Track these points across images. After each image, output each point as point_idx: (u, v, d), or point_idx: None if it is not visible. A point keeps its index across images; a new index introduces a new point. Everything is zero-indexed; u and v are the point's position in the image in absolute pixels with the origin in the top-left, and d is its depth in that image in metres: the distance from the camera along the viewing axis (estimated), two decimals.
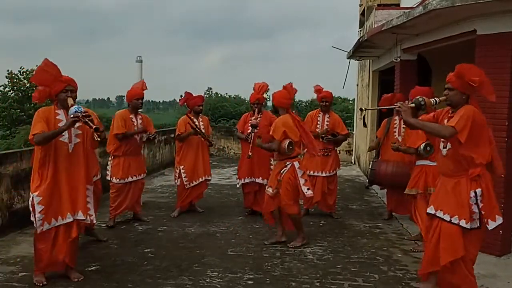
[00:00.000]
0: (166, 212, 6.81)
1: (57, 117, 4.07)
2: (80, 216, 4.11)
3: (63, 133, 4.00)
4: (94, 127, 3.82)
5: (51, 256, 4.09)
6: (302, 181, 5.18)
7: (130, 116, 5.98)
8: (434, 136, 3.78)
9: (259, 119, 6.39)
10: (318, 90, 6.67)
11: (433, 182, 4.94)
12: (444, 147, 3.81)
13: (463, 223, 3.67)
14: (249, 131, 6.17)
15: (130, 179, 5.99)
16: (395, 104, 3.93)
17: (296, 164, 5.22)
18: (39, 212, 3.94)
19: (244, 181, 6.59)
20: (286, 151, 5.10)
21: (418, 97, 3.83)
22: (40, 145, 3.94)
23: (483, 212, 3.68)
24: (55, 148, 4.00)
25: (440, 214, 3.80)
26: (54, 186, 4.01)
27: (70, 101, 4.05)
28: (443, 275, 3.85)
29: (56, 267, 4.18)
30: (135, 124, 5.99)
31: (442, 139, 3.84)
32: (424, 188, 5.18)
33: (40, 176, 4.00)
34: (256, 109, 6.46)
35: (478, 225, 3.70)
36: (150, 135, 6.01)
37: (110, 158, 6.06)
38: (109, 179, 6.02)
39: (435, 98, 3.83)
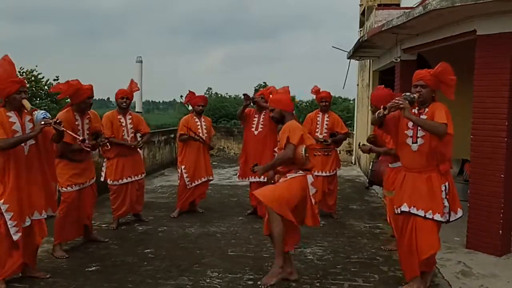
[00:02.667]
0: (166, 212, 6.81)
1: (10, 120, 3.88)
2: (36, 215, 4.06)
3: (17, 135, 3.89)
4: (81, 138, 3.87)
5: (12, 260, 3.96)
6: (312, 200, 4.25)
7: (118, 117, 5.89)
8: (432, 133, 3.78)
9: (260, 119, 6.44)
10: (316, 91, 6.68)
11: None
12: (414, 142, 3.86)
13: (437, 217, 3.78)
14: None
15: (125, 180, 5.92)
16: (395, 100, 3.81)
17: (310, 178, 4.24)
18: (10, 219, 3.83)
19: (247, 180, 6.57)
20: (303, 159, 4.17)
21: (409, 94, 3.81)
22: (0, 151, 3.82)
23: (449, 205, 3.82)
24: (13, 152, 3.86)
25: (414, 210, 3.86)
26: (17, 190, 3.89)
27: (26, 103, 3.89)
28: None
29: (16, 271, 4.07)
30: (124, 124, 5.90)
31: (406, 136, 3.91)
32: None
33: (2, 183, 3.86)
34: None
35: (447, 218, 3.83)
36: (139, 144, 5.94)
37: (104, 160, 6.05)
38: (103, 180, 5.99)
39: (414, 95, 3.84)
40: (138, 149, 6.11)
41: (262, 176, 6.36)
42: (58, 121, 3.85)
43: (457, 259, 4.87)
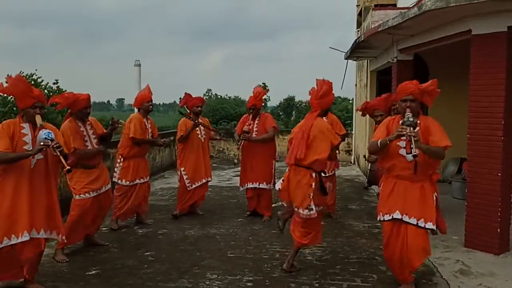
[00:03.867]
0: (166, 215, 6.83)
1: (22, 131, 3.95)
2: (42, 234, 3.99)
3: (26, 146, 3.91)
4: (67, 168, 3.76)
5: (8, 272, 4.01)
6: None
7: (144, 120, 6.14)
8: (434, 158, 3.86)
9: (255, 124, 6.51)
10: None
11: None
12: (408, 153, 3.83)
13: (429, 225, 3.83)
14: (240, 138, 6.44)
15: (137, 181, 6.08)
16: (406, 133, 3.72)
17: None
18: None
19: (246, 186, 6.62)
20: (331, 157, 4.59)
21: (410, 118, 3.77)
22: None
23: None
24: (17, 164, 3.85)
25: (406, 218, 3.89)
26: (14, 203, 3.85)
27: (38, 119, 3.94)
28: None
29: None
30: (147, 127, 6.17)
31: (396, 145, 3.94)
32: None
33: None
34: (252, 114, 6.53)
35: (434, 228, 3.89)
36: (166, 141, 6.34)
37: (119, 160, 6.10)
38: (115, 181, 6.05)
39: (414, 119, 3.84)
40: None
41: (265, 183, 6.46)
42: (56, 145, 3.80)
43: (455, 258, 4.90)
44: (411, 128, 3.69)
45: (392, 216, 3.95)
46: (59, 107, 5.00)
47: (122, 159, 6.06)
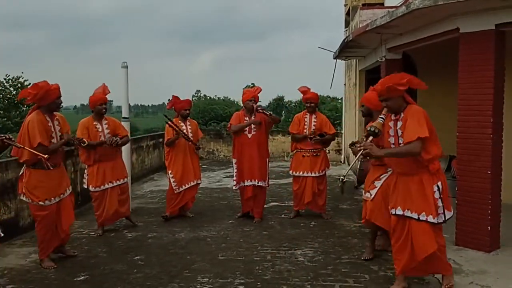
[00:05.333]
0: (156, 218, 6.76)
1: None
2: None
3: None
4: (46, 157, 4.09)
5: None
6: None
7: (94, 123, 5.76)
8: (409, 156, 3.82)
9: (253, 118, 6.44)
10: (304, 91, 6.66)
11: None
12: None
13: (430, 218, 3.80)
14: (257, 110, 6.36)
15: (106, 185, 5.83)
16: (359, 149, 3.85)
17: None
18: None
19: (244, 184, 6.52)
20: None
21: (369, 127, 3.83)
22: None
23: (443, 204, 3.83)
24: None
25: (408, 213, 3.90)
26: None
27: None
28: (420, 265, 3.98)
29: None
30: (100, 130, 5.76)
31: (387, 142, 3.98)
32: None
33: None
34: (254, 105, 6.34)
35: (444, 219, 3.84)
36: (115, 141, 5.72)
37: (86, 167, 5.95)
38: (85, 187, 5.93)
39: (381, 116, 3.91)
40: (120, 154, 6.08)
41: (262, 180, 6.41)
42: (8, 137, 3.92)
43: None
44: (370, 138, 3.79)
45: (395, 212, 3.98)
46: (30, 101, 4.64)
47: (87, 166, 5.89)
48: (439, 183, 3.84)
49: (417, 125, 3.71)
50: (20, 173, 4.77)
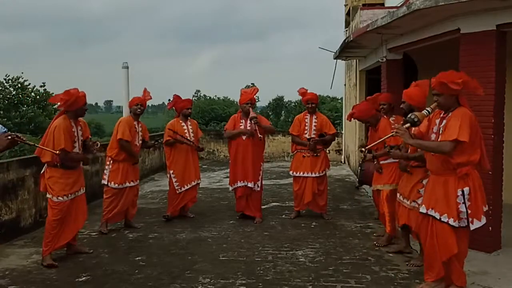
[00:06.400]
0: (157, 218, 6.76)
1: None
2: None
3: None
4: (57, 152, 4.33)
5: None
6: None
7: (134, 123, 6.08)
8: (436, 153, 3.83)
9: (247, 124, 6.41)
10: (302, 93, 6.67)
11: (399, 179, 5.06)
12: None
13: (451, 221, 3.76)
14: (250, 124, 6.33)
15: (127, 184, 5.99)
16: (392, 130, 3.92)
17: None
18: None
19: (237, 185, 6.55)
20: None
21: (410, 114, 3.84)
22: None
23: (469, 211, 3.75)
24: None
25: (431, 212, 3.88)
26: None
27: None
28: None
29: None
30: (137, 131, 6.10)
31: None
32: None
33: None
34: (250, 109, 6.35)
35: (466, 224, 3.79)
36: (156, 143, 6.48)
37: (108, 163, 6.02)
38: (105, 183, 5.98)
39: (428, 109, 3.88)
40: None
41: (252, 182, 6.41)
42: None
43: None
44: (407, 125, 3.80)
45: (420, 210, 4.00)
46: (61, 106, 4.87)
47: (111, 161, 5.98)
48: (466, 189, 3.75)
49: (459, 127, 3.66)
50: (42, 172, 4.94)
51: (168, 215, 6.60)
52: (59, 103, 4.87)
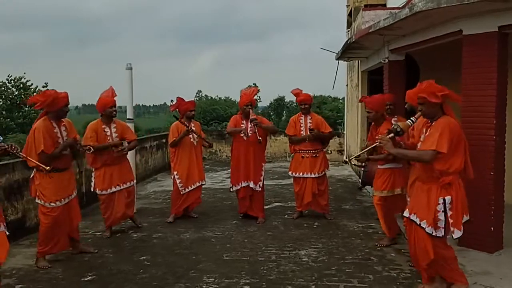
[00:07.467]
0: (160, 218, 6.80)
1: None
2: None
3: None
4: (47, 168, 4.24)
5: None
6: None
7: (103, 127, 5.76)
8: (417, 162, 3.94)
9: (248, 125, 6.45)
10: (296, 93, 6.70)
11: (399, 184, 5.25)
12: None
13: (429, 229, 3.82)
14: (250, 127, 6.37)
15: (114, 189, 5.83)
16: (376, 139, 4.07)
17: None
18: None
19: (240, 186, 6.59)
20: None
21: (393, 125, 3.99)
22: None
23: (451, 221, 3.81)
24: None
25: (413, 217, 3.95)
26: None
27: None
28: (434, 268, 4.01)
29: None
30: (109, 134, 5.77)
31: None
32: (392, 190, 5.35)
33: None
34: (250, 111, 6.41)
35: (442, 234, 3.83)
36: (123, 149, 5.84)
37: (93, 170, 5.93)
38: (93, 190, 5.94)
39: (412, 118, 3.97)
40: (126, 157, 6.08)
41: (253, 183, 6.45)
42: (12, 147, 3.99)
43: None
44: (390, 135, 3.94)
45: (404, 214, 4.07)
46: (38, 106, 4.78)
47: (94, 169, 5.88)
48: (448, 198, 3.79)
49: (438, 137, 3.71)
50: (31, 176, 4.86)
51: (170, 221, 6.59)
52: (36, 104, 4.77)
